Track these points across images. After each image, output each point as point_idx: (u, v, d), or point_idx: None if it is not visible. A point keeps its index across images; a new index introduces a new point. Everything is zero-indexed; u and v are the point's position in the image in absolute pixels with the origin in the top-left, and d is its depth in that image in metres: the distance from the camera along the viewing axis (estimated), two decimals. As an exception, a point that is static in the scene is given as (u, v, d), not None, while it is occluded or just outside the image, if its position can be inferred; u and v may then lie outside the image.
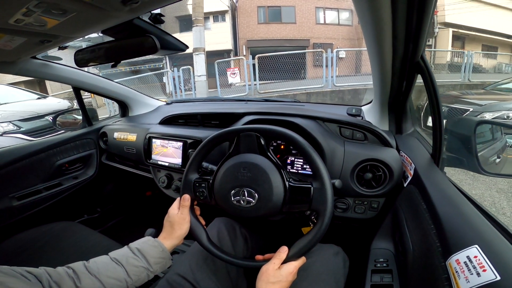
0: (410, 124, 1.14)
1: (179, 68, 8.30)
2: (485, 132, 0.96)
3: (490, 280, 0.43)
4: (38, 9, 0.58)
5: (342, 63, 9.63)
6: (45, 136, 3.58)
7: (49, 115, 3.84)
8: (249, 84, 8.07)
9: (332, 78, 8.08)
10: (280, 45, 12.98)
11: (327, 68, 8.01)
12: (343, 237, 1.17)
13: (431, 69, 0.80)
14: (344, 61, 9.69)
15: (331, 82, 8.08)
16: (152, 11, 0.74)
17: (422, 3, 0.60)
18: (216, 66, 8.12)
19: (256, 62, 7.90)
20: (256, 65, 7.90)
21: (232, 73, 8.17)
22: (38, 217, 1.46)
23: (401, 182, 0.96)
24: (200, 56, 7.71)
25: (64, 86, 11.48)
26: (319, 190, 0.70)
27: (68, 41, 0.91)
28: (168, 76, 8.95)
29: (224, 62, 8.53)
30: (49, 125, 3.68)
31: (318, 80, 8.30)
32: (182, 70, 8.25)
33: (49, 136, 3.57)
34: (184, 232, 0.79)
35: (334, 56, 7.88)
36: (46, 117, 3.87)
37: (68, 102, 5.12)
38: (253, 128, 0.79)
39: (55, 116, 1.86)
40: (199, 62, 7.73)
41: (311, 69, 10.21)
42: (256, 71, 7.96)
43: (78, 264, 0.66)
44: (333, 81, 8.08)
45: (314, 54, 10.48)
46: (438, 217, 0.63)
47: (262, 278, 0.67)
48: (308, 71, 10.04)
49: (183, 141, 1.27)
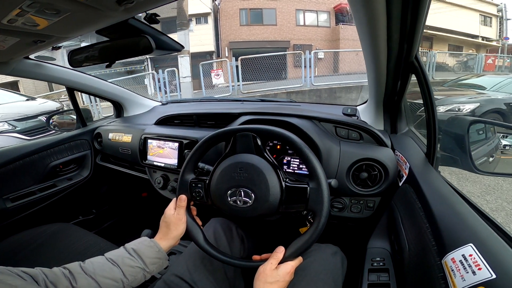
0: (405, 123, 1.15)
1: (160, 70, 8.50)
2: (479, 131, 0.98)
3: (486, 278, 0.43)
4: (32, 9, 0.57)
5: (321, 63, 10.40)
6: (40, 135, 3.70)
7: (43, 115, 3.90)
8: (232, 85, 8.40)
9: (310, 78, 8.56)
10: (262, 47, 13.37)
11: (305, 68, 8.49)
12: (339, 237, 1.18)
13: (425, 69, 0.80)
14: (323, 62, 10.47)
15: (309, 81, 8.55)
16: (147, 11, 0.74)
17: (416, 4, 0.61)
18: (201, 68, 8.51)
19: (239, 63, 8.27)
20: (239, 67, 8.27)
21: (216, 75, 8.61)
22: (33, 218, 1.44)
23: (396, 181, 0.97)
24: (185, 59, 8.14)
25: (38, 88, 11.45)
26: (316, 190, 0.70)
27: (62, 41, 0.90)
28: (149, 78, 9.26)
29: (208, 64, 9.04)
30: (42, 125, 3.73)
31: (298, 80, 8.75)
32: (167, 72, 8.43)
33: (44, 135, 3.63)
34: (180, 233, 0.79)
35: (311, 58, 8.34)
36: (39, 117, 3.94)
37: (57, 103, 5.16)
38: (249, 128, 0.79)
39: (49, 117, 1.85)
40: (184, 64, 8.16)
41: (292, 69, 10.51)
42: (239, 72, 8.31)
43: (74, 264, 0.66)
44: (311, 80, 8.56)
45: (294, 55, 10.80)
46: (433, 216, 0.63)
47: (260, 278, 0.67)
48: (289, 71, 10.34)
49: (179, 142, 1.27)
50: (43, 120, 3.79)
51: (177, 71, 8.38)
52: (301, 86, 8.56)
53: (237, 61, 8.28)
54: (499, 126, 0.99)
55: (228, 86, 8.45)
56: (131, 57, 0.86)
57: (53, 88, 10.94)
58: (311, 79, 8.57)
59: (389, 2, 0.57)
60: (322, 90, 8.56)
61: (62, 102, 6.38)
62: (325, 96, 8.46)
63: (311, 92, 8.47)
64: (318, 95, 8.49)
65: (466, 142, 0.83)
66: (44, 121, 3.72)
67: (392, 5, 0.58)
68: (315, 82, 8.64)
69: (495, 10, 18.03)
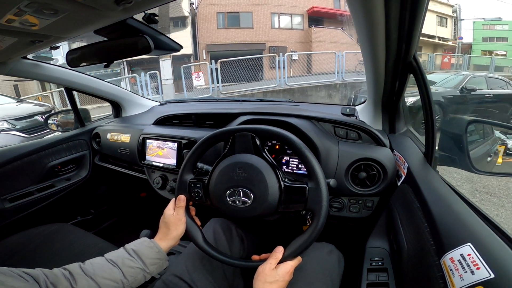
0: (403, 123, 1.15)
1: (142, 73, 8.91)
2: (477, 131, 0.98)
3: (484, 278, 0.44)
4: (30, 9, 0.57)
5: (295, 64, 11.31)
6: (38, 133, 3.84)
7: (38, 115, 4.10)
8: (212, 86, 8.91)
9: (284, 79, 9.25)
10: (239, 49, 13.68)
11: (280, 69, 9.15)
12: (338, 236, 1.18)
13: (423, 69, 0.81)
14: (297, 63, 11.38)
15: (284, 82, 9.22)
16: (146, 11, 0.73)
17: (414, 4, 0.61)
18: (182, 70, 9.13)
19: (219, 66, 8.78)
20: (218, 69, 8.78)
21: (197, 77, 9.17)
22: (31, 219, 1.44)
23: (394, 181, 0.97)
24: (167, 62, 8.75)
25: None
26: (314, 190, 0.70)
27: (60, 41, 0.90)
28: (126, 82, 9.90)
29: (189, 67, 9.72)
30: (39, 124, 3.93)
31: (273, 81, 9.41)
32: (149, 75, 8.85)
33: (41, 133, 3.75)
34: (180, 233, 0.79)
35: (285, 60, 9.03)
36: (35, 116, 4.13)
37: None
38: (248, 128, 0.79)
39: (46, 117, 1.84)
40: (165, 67, 8.81)
41: (268, 70, 11.22)
42: (218, 74, 8.83)
43: (74, 265, 0.66)
44: (285, 81, 9.25)
45: (270, 57, 11.39)
46: (431, 215, 0.63)
47: (259, 278, 0.67)
48: (265, 72, 11.00)
49: (178, 142, 1.26)
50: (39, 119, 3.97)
51: (159, 73, 8.86)
52: (276, 86, 9.17)
53: (217, 63, 8.74)
54: (497, 126, 0.99)
55: (208, 88, 8.96)
56: (129, 57, 0.86)
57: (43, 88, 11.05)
58: (285, 80, 9.25)
59: (387, 3, 0.57)
60: (295, 89, 9.21)
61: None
62: (297, 95, 9.13)
63: (285, 91, 9.11)
64: (291, 94, 9.13)
65: (464, 141, 0.83)
66: (40, 120, 3.92)
67: (390, 5, 0.58)
68: (289, 82, 9.33)
69: (451, 11, 19.63)
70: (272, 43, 15.30)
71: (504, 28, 20.78)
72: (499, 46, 19.95)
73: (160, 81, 8.91)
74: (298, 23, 16.01)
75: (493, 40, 20.97)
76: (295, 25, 15.98)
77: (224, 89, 9.01)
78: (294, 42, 15.69)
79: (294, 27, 15.95)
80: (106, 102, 1.79)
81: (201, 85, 9.26)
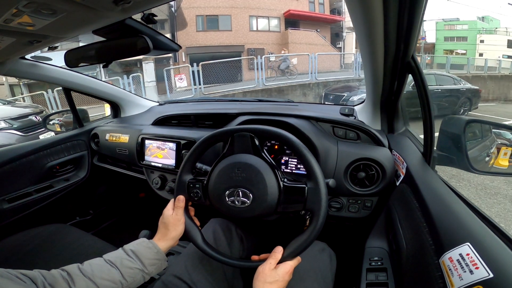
0: (402, 123, 1.15)
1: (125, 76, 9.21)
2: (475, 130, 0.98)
3: (483, 277, 0.44)
4: (28, 9, 0.57)
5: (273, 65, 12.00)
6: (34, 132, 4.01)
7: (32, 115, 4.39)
8: (195, 87, 9.33)
9: (262, 79, 9.87)
10: (218, 51, 14.05)
11: (258, 71, 9.75)
12: (337, 236, 1.18)
13: (421, 69, 0.81)
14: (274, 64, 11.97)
15: (262, 82, 9.84)
16: (145, 11, 0.73)
17: (412, 5, 0.61)
18: (165, 73, 9.57)
19: (200, 68, 9.22)
20: (200, 71, 9.21)
21: (180, 79, 9.59)
22: (29, 219, 1.44)
23: (393, 181, 0.98)
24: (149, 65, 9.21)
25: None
26: (313, 190, 0.70)
27: (58, 41, 0.89)
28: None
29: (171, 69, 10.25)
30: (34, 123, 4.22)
31: (252, 81, 10.05)
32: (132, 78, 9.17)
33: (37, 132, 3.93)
34: (179, 233, 0.79)
35: (262, 62, 9.73)
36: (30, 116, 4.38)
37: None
38: (247, 129, 0.79)
39: (45, 117, 1.83)
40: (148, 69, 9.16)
41: (247, 72, 11.61)
42: (200, 76, 9.25)
43: (72, 266, 0.66)
44: (263, 81, 9.89)
45: (248, 59, 12.10)
46: (430, 215, 0.64)
47: (259, 278, 0.67)
48: (244, 74, 11.27)
49: (177, 142, 1.26)
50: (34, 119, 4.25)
51: (142, 76, 9.27)
52: (255, 87, 9.77)
53: (199, 66, 9.18)
54: (495, 125, 0.99)
55: (191, 89, 9.39)
56: (128, 57, 0.86)
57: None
58: (263, 80, 9.89)
59: (386, 3, 0.57)
60: (272, 89, 9.85)
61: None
62: (274, 94, 9.78)
63: (263, 91, 9.71)
64: (269, 93, 9.73)
65: (463, 141, 0.83)
66: (34, 120, 4.21)
67: (388, 6, 0.58)
68: (267, 83, 10.02)
69: None
70: (251, 45, 15.85)
71: (464, 28, 22.90)
72: (459, 45, 21.91)
73: (143, 84, 9.22)
74: (275, 26, 16.65)
75: (454, 39, 22.97)
76: (272, 27, 16.61)
77: (206, 90, 9.47)
78: (272, 44, 16.26)
79: (271, 29, 16.59)
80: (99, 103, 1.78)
81: (184, 87, 9.60)
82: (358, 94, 6.83)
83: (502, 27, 25.30)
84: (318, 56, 10.35)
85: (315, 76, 10.31)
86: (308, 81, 10.25)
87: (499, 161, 0.85)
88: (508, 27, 25.26)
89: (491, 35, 23.77)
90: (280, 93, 9.79)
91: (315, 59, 10.15)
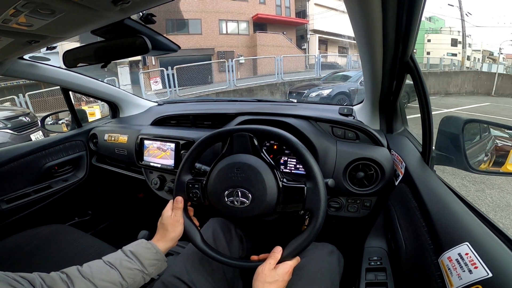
0: (400, 123, 1.15)
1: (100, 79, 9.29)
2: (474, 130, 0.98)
3: (482, 277, 0.44)
4: (26, 9, 0.56)
5: (243, 67, 13.26)
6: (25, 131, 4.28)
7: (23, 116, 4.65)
8: (170, 90, 9.87)
9: (233, 81, 10.72)
10: (188, 55, 14.27)
11: (229, 72, 10.58)
12: (337, 236, 1.18)
13: (420, 69, 0.81)
14: (244, 66, 13.36)
15: (233, 83, 10.70)
16: (143, 11, 0.73)
17: (411, 5, 0.61)
18: (141, 76, 10.27)
19: (175, 71, 9.81)
20: (175, 74, 9.83)
21: (155, 82, 10.12)
22: (28, 220, 1.43)
23: (392, 181, 0.98)
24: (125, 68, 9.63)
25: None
26: (313, 190, 0.70)
27: (57, 42, 0.89)
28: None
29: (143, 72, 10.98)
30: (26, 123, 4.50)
31: (224, 83, 10.89)
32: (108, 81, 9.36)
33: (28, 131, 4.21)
34: (178, 234, 0.79)
35: (233, 64, 10.58)
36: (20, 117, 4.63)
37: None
38: (246, 129, 0.79)
39: (43, 118, 1.83)
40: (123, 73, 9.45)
41: (217, 74, 12.52)
42: (175, 79, 9.85)
43: (72, 268, 0.65)
44: (234, 82, 10.77)
45: (219, 62, 13.01)
46: (429, 215, 0.64)
47: (259, 278, 0.67)
48: (214, 76, 12.35)
49: (176, 142, 1.26)
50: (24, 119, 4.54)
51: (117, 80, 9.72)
52: (227, 88, 10.61)
53: (173, 69, 9.79)
54: (494, 125, 0.99)
55: (166, 92, 9.89)
56: (127, 57, 0.86)
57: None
58: (234, 81, 10.75)
59: (385, 3, 0.57)
60: (243, 89, 10.65)
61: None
62: (245, 94, 10.50)
63: (235, 91, 10.50)
64: (240, 94, 10.52)
65: (461, 141, 0.83)
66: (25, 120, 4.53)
67: (387, 6, 0.58)
68: (237, 84, 10.86)
69: None
70: (220, 48, 16.42)
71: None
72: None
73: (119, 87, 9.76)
74: (244, 29, 17.39)
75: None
76: (241, 30, 17.33)
77: (180, 92, 10.07)
78: (241, 46, 17.05)
79: (240, 32, 17.31)
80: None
81: (159, 89, 10.06)
82: (315, 91, 7.71)
83: (446, 27, 28.06)
84: (284, 57, 11.46)
85: (281, 77, 11.27)
86: (275, 81, 11.17)
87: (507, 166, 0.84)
88: (452, 27, 27.95)
89: (437, 34, 26.32)
90: (250, 93, 10.59)
91: (280, 61, 11.15)
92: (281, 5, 18.26)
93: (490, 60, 29.87)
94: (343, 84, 8.24)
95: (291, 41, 17.89)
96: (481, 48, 32.26)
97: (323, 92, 7.67)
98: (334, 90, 7.70)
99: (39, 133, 4.50)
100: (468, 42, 27.36)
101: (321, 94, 7.62)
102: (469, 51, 28.91)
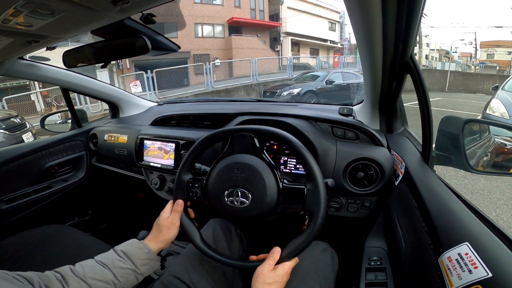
0: (400, 123, 1.15)
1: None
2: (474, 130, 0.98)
3: (482, 277, 0.44)
4: (26, 9, 0.56)
5: (219, 69, 13.77)
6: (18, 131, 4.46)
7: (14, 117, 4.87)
8: (149, 93, 10.09)
9: (211, 83, 11.26)
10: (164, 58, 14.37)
11: (207, 75, 11.15)
12: (336, 236, 1.18)
13: (420, 69, 0.81)
14: (220, 68, 13.87)
15: (211, 85, 11.24)
16: (143, 12, 0.73)
17: (411, 5, 0.61)
18: (121, 80, 10.75)
19: (155, 75, 10.22)
20: (154, 77, 10.20)
21: (135, 85, 10.26)
22: (28, 220, 1.43)
23: (392, 181, 0.98)
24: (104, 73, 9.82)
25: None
26: (313, 191, 0.70)
27: (57, 42, 0.89)
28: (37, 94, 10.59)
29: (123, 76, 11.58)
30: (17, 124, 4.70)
31: (202, 85, 11.42)
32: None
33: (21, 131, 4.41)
34: (172, 237, 0.79)
35: (210, 67, 11.19)
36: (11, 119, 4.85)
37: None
38: (247, 129, 0.79)
39: (43, 118, 1.82)
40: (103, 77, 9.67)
41: (194, 76, 12.82)
42: (155, 82, 10.23)
43: (65, 268, 0.66)
44: (212, 84, 11.29)
45: (195, 65, 13.50)
46: (429, 215, 0.64)
47: (258, 279, 0.67)
48: (191, 78, 12.65)
49: (176, 142, 1.26)
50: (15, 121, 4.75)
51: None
52: (205, 89, 11.13)
53: (153, 73, 10.15)
54: (493, 125, 0.99)
55: (146, 94, 10.00)
56: (127, 57, 0.86)
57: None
58: (212, 83, 11.27)
59: (385, 3, 0.57)
60: (220, 91, 11.26)
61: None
62: (222, 95, 11.03)
63: (213, 93, 11.07)
64: (217, 94, 11.05)
65: (461, 141, 0.83)
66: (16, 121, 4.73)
67: (387, 6, 0.58)
68: (215, 85, 11.37)
69: (338, 17, 23.19)
70: (196, 51, 16.57)
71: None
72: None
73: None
74: (219, 32, 17.70)
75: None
76: (217, 33, 17.64)
77: (160, 94, 10.38)
78: (217, 49, 17.21)
79: (216, 35, 17.62)
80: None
81: (139, 92, 10.21)
82: (287, 90, 8.47)
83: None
84: (259, 60, 12.20)
85: (256, 78, 11.91)
86: (250, 82, 11.82)
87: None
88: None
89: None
90: (227, 94, 11.25)
91: (255, 63, 11.80)
92: (256, 9, 18.74)
93: (446, 58, 30.73)
94: (312, 83, 9.20)
95: (265, 44, 18.38)
96: (435, 47, 33.14)
97: (293, 91, 8.38)
98: (303, 88, 8.53)
99: (29, 134, 4.70)
100: (426, 42, 28.93)
101: (292, 92, 8.33)
102: (427, 50, 31.15)
